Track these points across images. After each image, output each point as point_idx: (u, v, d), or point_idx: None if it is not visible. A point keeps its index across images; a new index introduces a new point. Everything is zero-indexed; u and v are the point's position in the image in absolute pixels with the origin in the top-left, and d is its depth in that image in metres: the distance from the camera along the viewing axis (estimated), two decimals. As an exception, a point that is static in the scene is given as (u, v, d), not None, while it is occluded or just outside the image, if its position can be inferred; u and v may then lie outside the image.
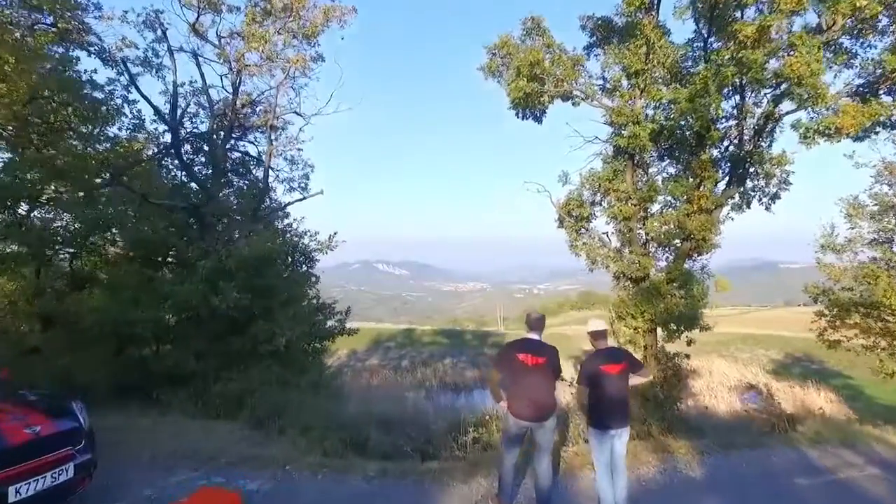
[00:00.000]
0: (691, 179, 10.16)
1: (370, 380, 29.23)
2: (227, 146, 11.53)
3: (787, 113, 9.07)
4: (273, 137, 10.86)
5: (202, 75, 10.23)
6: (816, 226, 13.96)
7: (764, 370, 30.46)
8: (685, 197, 10.10)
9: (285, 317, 9.01)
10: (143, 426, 8.09)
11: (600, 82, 10.52)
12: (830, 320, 14.23)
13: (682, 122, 9.84)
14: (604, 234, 11.68)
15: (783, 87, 8.00)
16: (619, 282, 11.48)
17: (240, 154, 12.42)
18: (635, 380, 4.87)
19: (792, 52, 7.14)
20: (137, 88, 9.58)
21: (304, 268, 10.44)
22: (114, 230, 9.33)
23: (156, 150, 11.93)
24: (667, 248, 11.39)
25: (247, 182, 11.93)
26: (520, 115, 10.23)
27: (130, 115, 11.60)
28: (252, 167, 12.55)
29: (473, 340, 41.42)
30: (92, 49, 11.42)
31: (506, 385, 4.87)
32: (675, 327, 10.39)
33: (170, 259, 9.87)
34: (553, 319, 78.72)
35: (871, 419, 11.19)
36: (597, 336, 4.82)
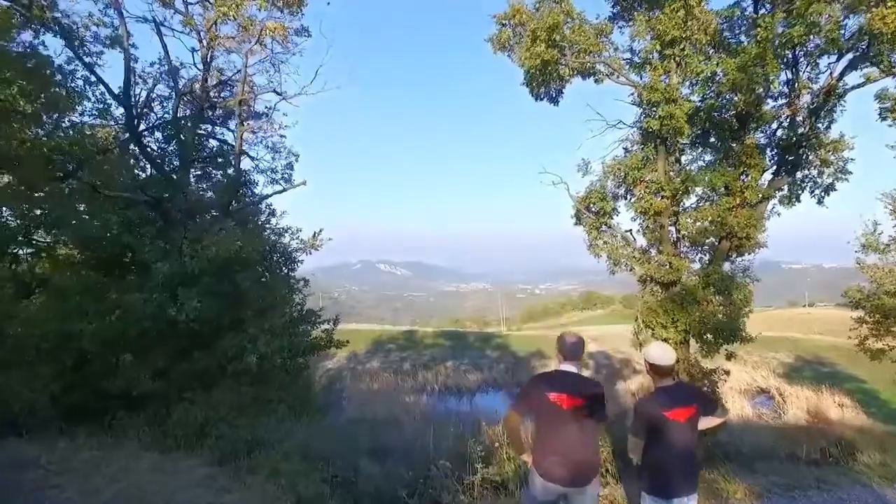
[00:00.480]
0: (732, 168, 8.76)
1: (370, 384, 28.09)
2: (201, 132, 10.17)
3: (855, 87, 7.67)
4: (244, 114, 9.45)
5: (164, 46, 8.85)
6: (858, 223, 12.59)
7: (774, 373, 29.30)
8: (725, 189, 8.71)
9: (259, 329, 7.67)
10: (86, 461, 6.73)
11: (627, 55, 9.12)
12: (873, 327, 12.94)
13: (724, 101, 8.46)
14: (627, 231, 10.30)
15: (864, 47, 6.61)
16: (644, 286, 10.09)
17: (217, 143, 11.08)
18: (707, 422, 3.46)
19: (880, 5, 5.76)
20: (81, 60, 8.24)
21: (285, 270, 9.08)
22: (61, 228, 7.98)
23: (124, 138, 10.58)
24: (699, 248, 10.01)
25: (220, 173, 10.57)
26: (534, 93, 8.85)
27: (94, 100, 10.34)
28: (232, 158, 11.18)
29: (476, 342, 40.18)
30: (57, 28, 10.14)
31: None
32: (712, 339, 9.01)
33: (135, 261, 8.50)
34: (556, 320, 77.76)
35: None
36: (662, 371, 3.41)
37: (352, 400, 25.61)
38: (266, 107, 11.03)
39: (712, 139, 9.83)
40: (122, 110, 10.28)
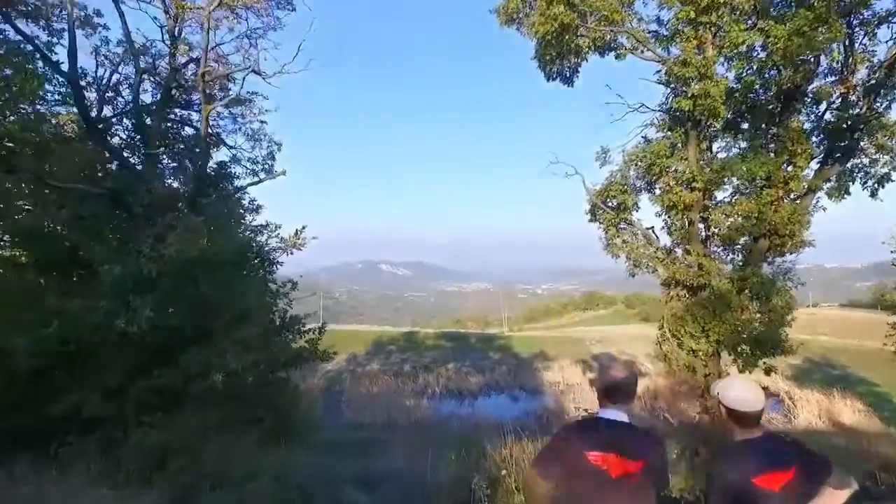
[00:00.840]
0: (773, 156, 7.64)
1: (370, 387, 27.16)
2: (172, 117, 9.09)
3: (928, 58, 6.57)
4: (212, 92, 8.31)
5: (122, 16, 7.72)
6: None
7: (783, 376, 28.26)
8: (766, 180, 7.59)
9: (230, 341, 6.59)
10: (21, 499, 5.66)
11: (654, 27, 8.01)
12: (912, 333, 12.00)
13: (765, 79, 7.35)
14: (648, 229, 9.20)
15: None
16: (669, 290, 9.00)
17: (194, 131, 9.98)
18: (827, 501, 2.26)
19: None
20: (26, 37, 7.18)
21: (262, 272, 8.00)
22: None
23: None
24: (731, 248, 8.91)
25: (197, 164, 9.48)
26: (546, 69, 7.76)
27: (56, 83, 9.31)
28: (212, 149, 10.08)
29: (477, 343, 39.16)
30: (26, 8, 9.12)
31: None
32: (749, 351, 7.90)
33: (84, 263, 7.42)
34: (558, 320, 76.62)
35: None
36: (747, 420, 2.27)
37: (351, 404, 24.66)
38: (248, 92, 9.92)
39: (745, 125, 8.73)
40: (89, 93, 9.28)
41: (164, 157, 9.49)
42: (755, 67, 7.32)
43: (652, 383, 28.10)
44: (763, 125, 8.10)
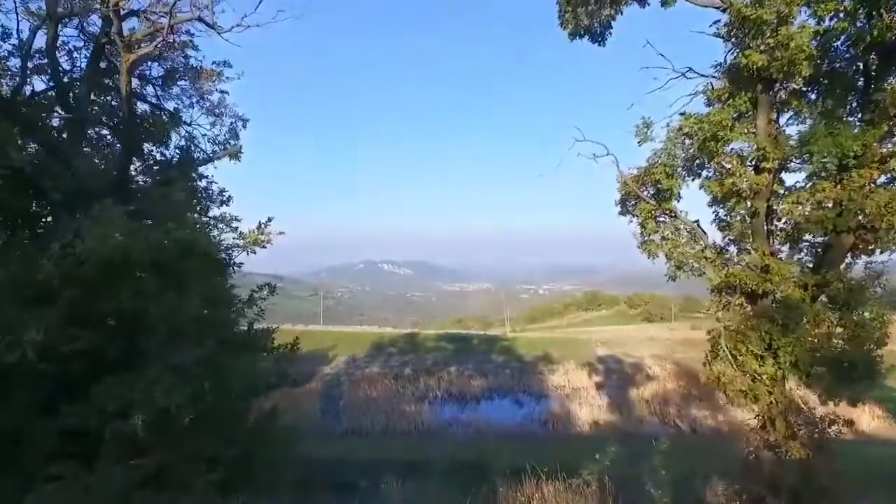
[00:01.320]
0: (868, 127, 5.95)
1: (369, 391, 25.86)
2: (109, 83, 7.45)
3: None
4: (129, 35, 6.54)
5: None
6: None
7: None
8: (856, 158, 5.89)
9: (162, 367, 4.95)
10: None
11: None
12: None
13: (857, 29, 5.68)
14: (695, 222, 7.52)
15: None
16: (720, 297, 7.33)
17: (148, 108, 8.33)
18: None
19: None
20: None
21: (214, 277, 6.35)
22: None
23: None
24: (797, 245, 7.25)
25: (154, 147, 7.82)
26: (573, 21, 6.10)
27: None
28: (169, 128, 8.41)
29: (480, 345, 37.66)
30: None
31: None
32: (829, 376, 6.22)
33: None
34: (560, 320, 75.07)
35: None
36: None
37: (348, 409, 23.18)
38: (215, 62, 8.23)
39: (812, 96, 7.06)
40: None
41: (109, 137, 7.86)
42: (845, 12, 5.66)
43: (660, 387, 26.54)
44: (843, 90, 6.41)
